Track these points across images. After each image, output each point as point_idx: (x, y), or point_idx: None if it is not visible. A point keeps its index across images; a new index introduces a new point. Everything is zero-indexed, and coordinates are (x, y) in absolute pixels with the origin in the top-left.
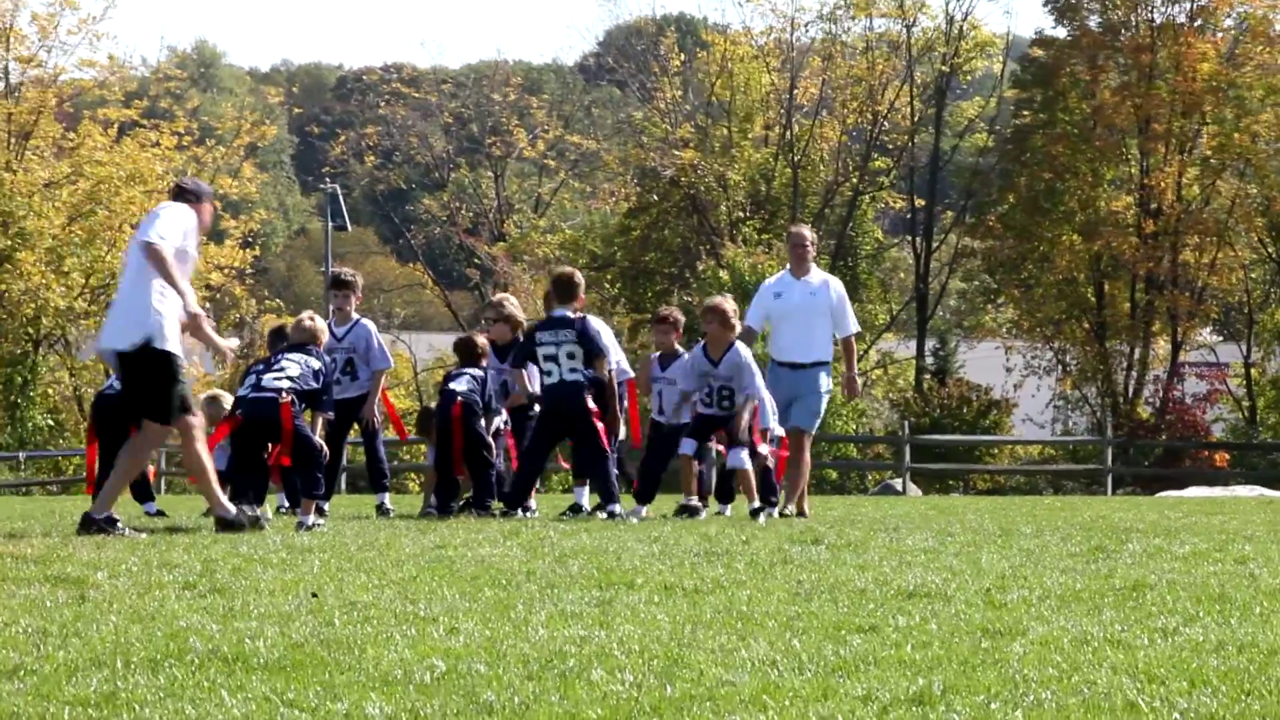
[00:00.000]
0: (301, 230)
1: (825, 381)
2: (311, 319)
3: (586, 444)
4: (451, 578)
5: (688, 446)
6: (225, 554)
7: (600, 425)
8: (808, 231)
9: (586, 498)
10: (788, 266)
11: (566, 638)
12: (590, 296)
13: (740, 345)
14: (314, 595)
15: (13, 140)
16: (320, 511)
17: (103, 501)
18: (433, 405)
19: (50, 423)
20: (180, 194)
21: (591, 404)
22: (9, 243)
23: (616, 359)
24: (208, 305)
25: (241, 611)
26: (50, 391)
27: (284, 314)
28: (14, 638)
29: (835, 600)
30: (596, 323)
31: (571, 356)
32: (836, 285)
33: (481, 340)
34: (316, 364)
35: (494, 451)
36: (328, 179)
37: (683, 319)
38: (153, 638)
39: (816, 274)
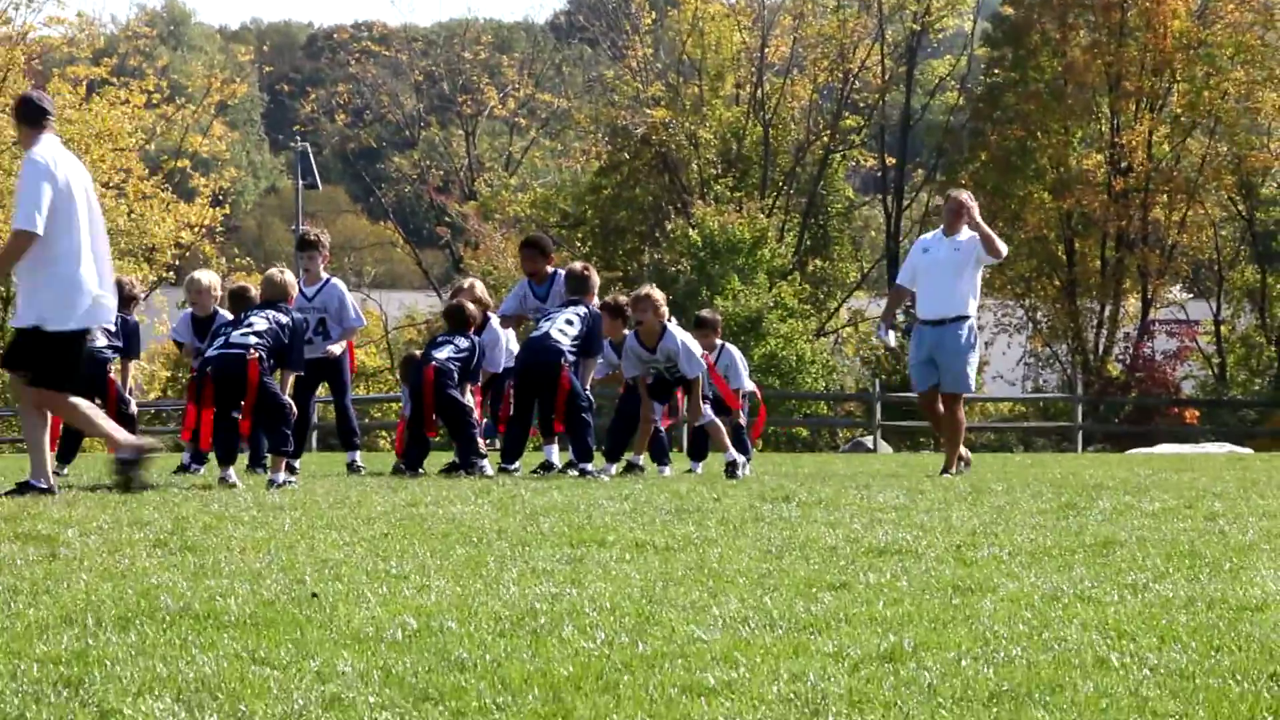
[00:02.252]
0: (272, 189)
1: (969, 338)
2: (281, 274)
3: (566, 406)
4: (423, 535)
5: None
6: (196, 511)
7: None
8: (966, 197)
9: (556, 455)
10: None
11: (538, 595)
12: (560, 255)
13: (673, 329)
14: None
15: None
16: (291, 469)
17: (36, 470)
18: (417, 353)
19: None
20: (30, 114)
21: (567, 368)
22: None
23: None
24: (177, 263)
25: (213, 569)
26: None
27: (255, 272)
28: None
29: (806, 557)
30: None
31: (569, 324)
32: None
33: (472, 308)
34: (285, 319)
35: (471, 413)
36: (298, 137)
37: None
38: (124, 595)
39: (966, 232)
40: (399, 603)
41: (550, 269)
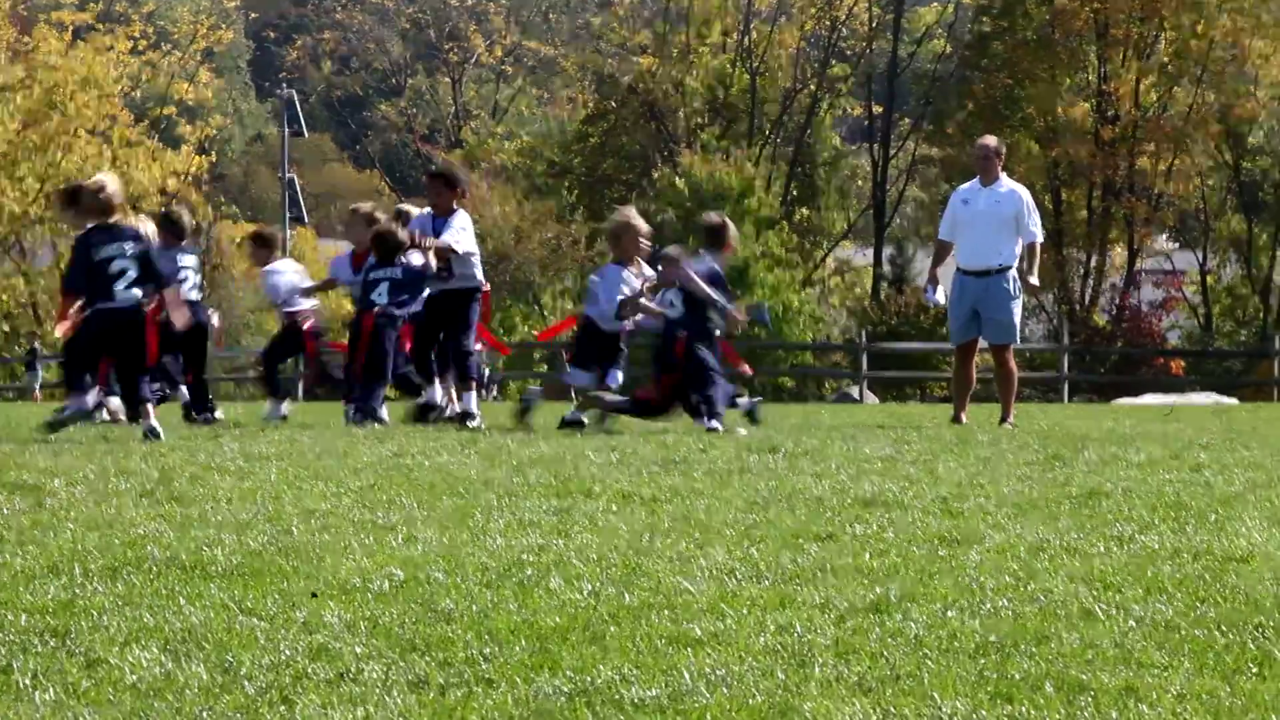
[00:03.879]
0: (258, 136)
1: (1012, 289)
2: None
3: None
4: (409, 486)
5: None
6: (183, 462)
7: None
8: (992, 141)
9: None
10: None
11: (525, 546)
12: (547, 204)
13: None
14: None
15: None
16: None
17: None
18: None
19: (5, 329)
20: None
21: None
22: None
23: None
24: (163, 210)
25: (199, 519)
26: (4, 297)
27: (241, 220)
28: None
29: (793, 509)
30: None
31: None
32: (1023, 193)
33: (402, 234)
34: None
35: (390, 365)
36: (284, 85)
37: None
38: (110, 545)
39: (1005, 182)
40: (385, 553)
41: (455, 205)
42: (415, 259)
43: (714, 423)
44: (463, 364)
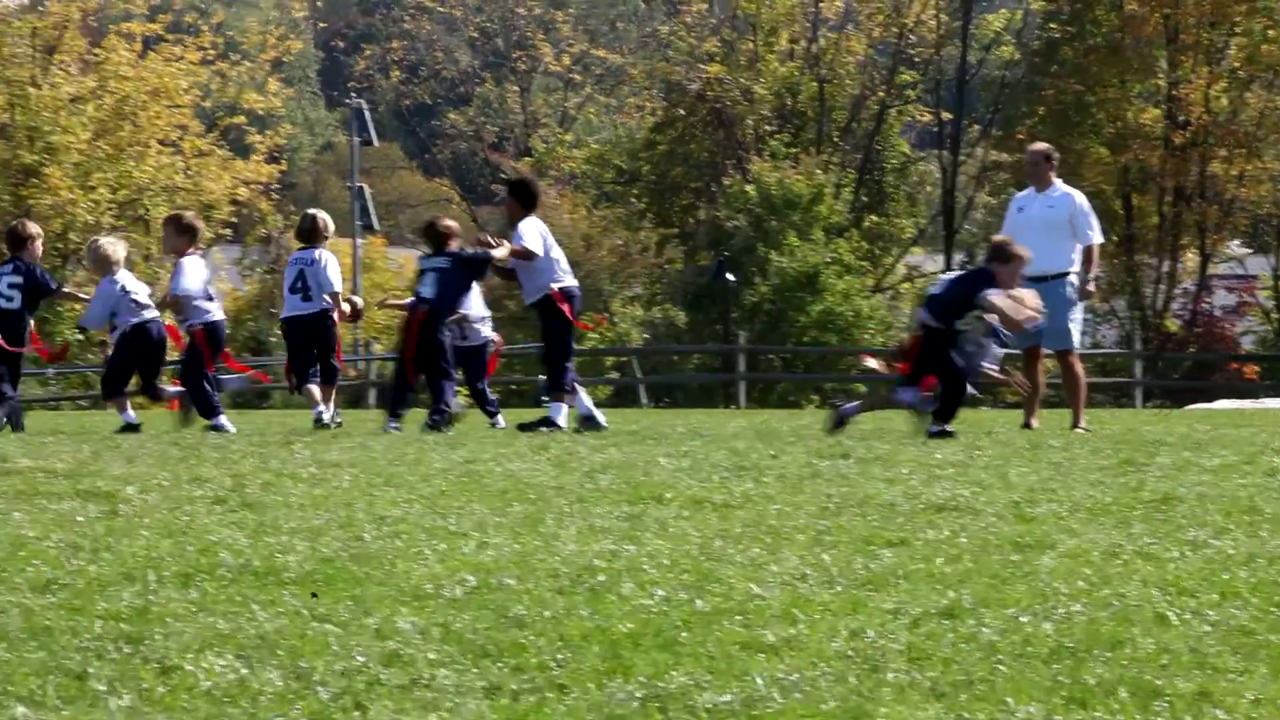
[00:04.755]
0: (328, 145)
1: (1070, 294)
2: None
3: None
4: (481, 493)
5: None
6: (255, 469)
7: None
8: (1043, 147)
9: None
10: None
11: (596, 552)
12: (616, 211)
13: None
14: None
15: (38, 55)
16: None
17: None
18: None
19: (79, 338)
20: None
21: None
22: (37, 157)
23: None
24: (235, 220)
25: (272, 526)
26: (79, 307)
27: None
28: (45, 552)
29: (864, 514)
30: None
31: None
32: (1077, 197)
33: (450, 223)
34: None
35: (446, 359)
36: (353, 93)
37: None
38: (184, 552)
39: (1059, 187)
40: (457, 559)
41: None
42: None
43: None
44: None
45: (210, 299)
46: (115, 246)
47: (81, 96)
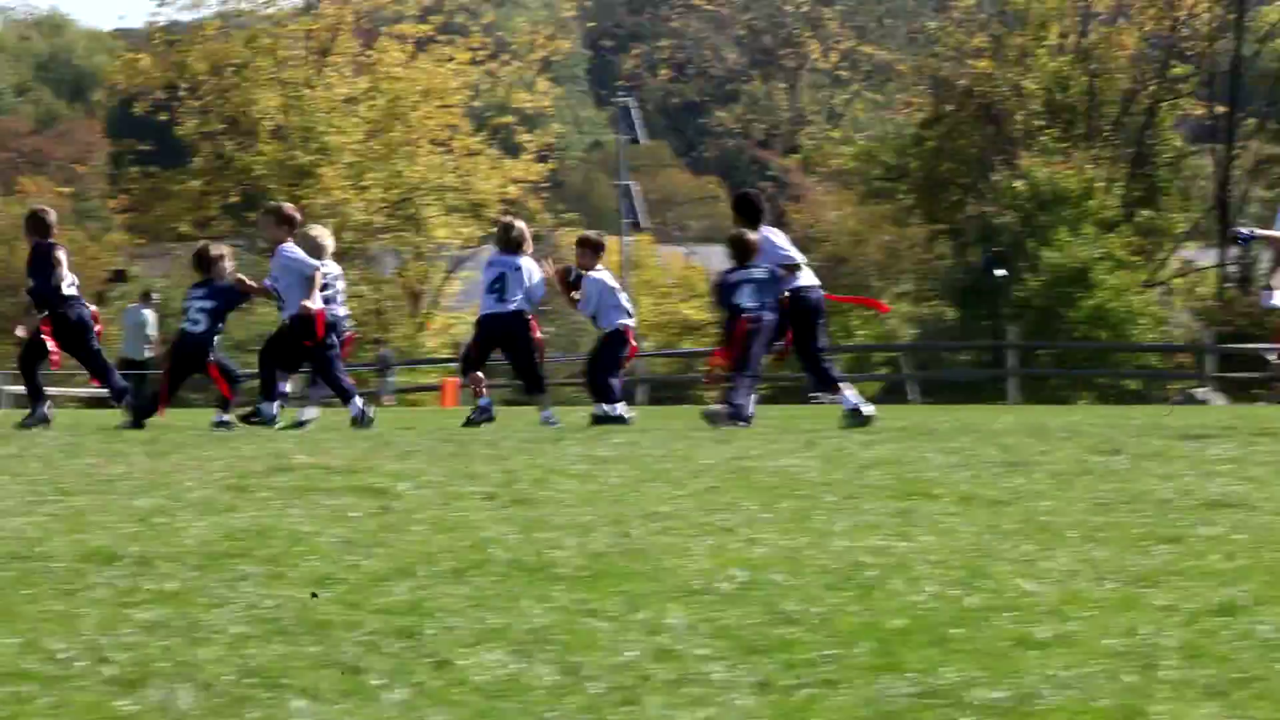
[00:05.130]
0: (596, 143)
1: None
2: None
3: None
4: (750, 488)
5: None
6: (526, 465)
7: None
8: None
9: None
10: None
11: (866, 548)
12: (884, 207)
13: None
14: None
15: (312, 57)
16: None
17: None
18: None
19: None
20: None
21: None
22: (312, 158)
23: None
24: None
25: (542, 522)
26: (353, 305)
27: (581, 226)
28: (321, 547)
29: (1137, 511)
30: None
31: None
32: None
33: (754, 236)
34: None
35: (753, 364)
36: (621, 92)
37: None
38: (456, 548)
39: None
40: (727, 555)
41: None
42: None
43: None
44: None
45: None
46: (326, 235)
47: (354, 97)
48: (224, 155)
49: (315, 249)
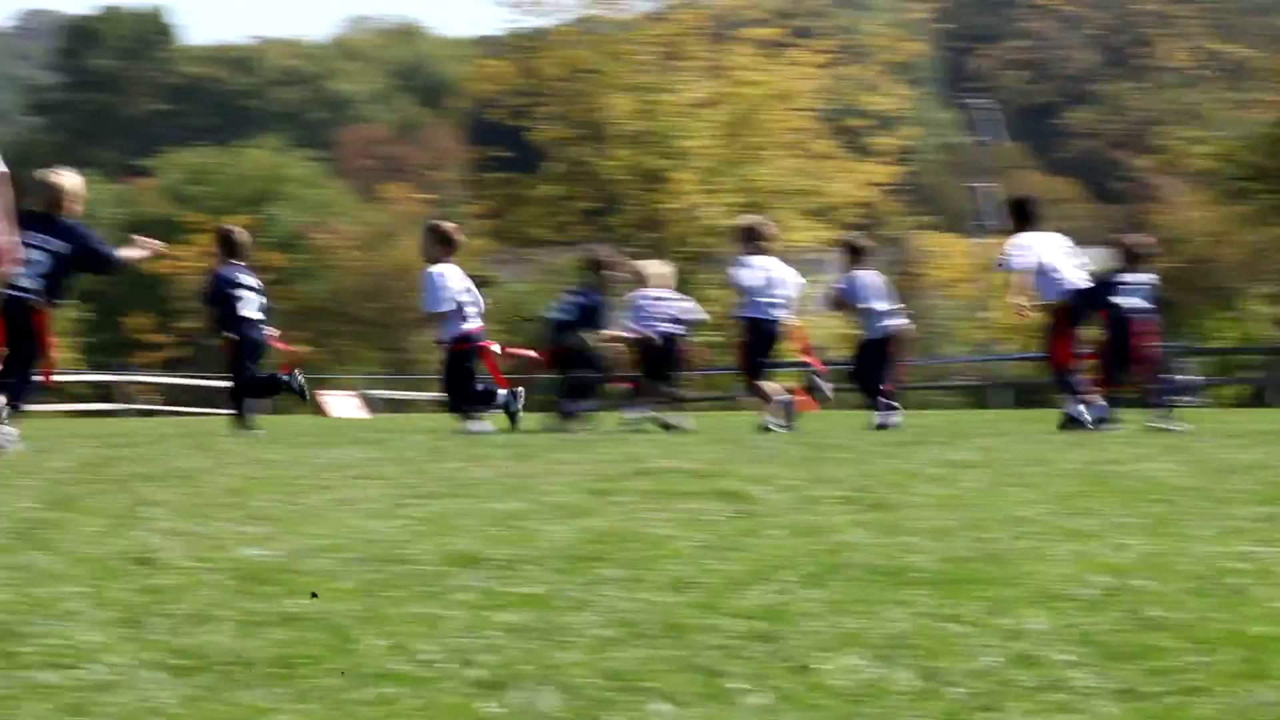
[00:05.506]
0: (948, 145)
1: None
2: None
3: None
4: (1113, 493)
5: None
6: (885, 470)
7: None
8: None
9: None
10: None
11: (1231, 554)
12: (1247, 208)
13: None
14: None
15: (663, 62)
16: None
17: None
18: None
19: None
20: None
21: None
22: (667, 163)
23: None
24: (866, 222)
25: (901, 526)
26: (711, 309)
27: (938, 229)
28: (679, 550)
29: None
30: None
31: None
32: None
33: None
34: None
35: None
36: (975, 93)
37: None
38: (813, 552)
39: None
40: (1089, 560)
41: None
42: None
43: None
44: None
45: (465, 310)
46: (655, 265)
47: (706, 101)
48: (579, 161)
49: (641, 279)
